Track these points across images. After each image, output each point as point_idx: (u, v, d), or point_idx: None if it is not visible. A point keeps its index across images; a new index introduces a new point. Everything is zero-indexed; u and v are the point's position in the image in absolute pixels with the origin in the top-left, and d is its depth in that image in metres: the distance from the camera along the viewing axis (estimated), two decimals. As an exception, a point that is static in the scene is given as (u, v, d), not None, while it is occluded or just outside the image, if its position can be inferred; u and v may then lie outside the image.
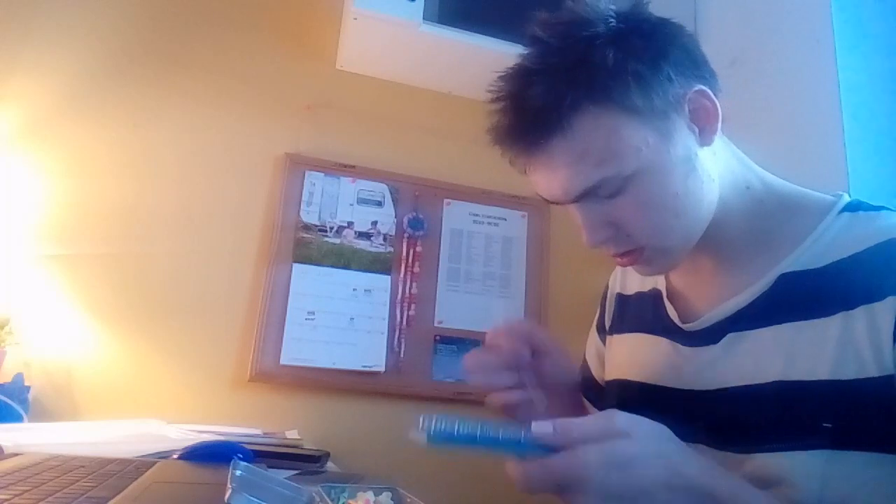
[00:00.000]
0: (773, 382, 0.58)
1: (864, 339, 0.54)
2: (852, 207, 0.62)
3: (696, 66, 0.63)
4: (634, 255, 0.65)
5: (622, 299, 0.85)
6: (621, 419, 0.48)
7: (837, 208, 0.62)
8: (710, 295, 0.68)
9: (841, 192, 0.65)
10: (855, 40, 1.25)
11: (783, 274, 0.61)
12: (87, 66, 1.46)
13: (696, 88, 0.61)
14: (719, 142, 0.66)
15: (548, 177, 0.63)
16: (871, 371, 0.53)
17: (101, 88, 1.46)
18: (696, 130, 0.62)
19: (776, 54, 1.38)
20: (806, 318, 0.57)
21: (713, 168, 0.64)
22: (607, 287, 0.90)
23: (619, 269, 0.88)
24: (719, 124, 0.63)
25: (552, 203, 0.67)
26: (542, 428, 0.48)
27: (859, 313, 0.54)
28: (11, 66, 1.40)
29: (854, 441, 0.53)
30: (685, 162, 0.61)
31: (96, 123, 1.44)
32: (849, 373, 0.54)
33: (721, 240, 0.66)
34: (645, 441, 0.48)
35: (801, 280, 0.60)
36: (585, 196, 0.61)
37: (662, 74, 0.59)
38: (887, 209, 0.62)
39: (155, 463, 0.67)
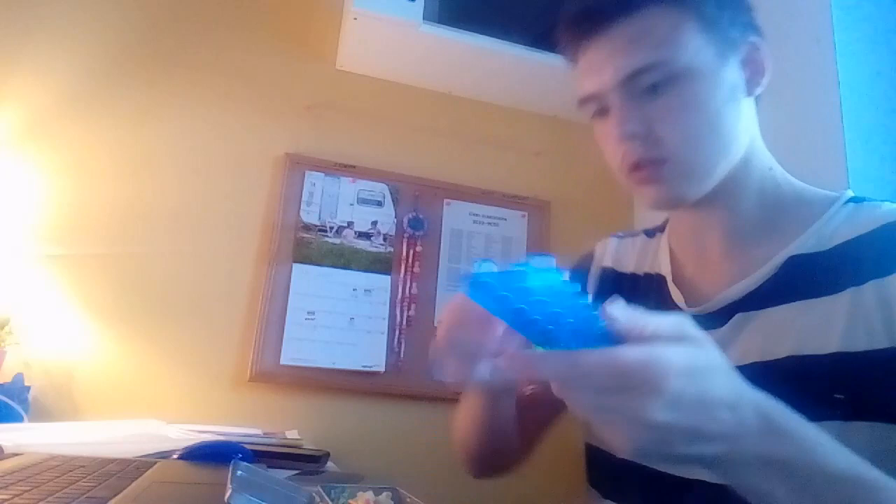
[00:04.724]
0: (784, 358, 0.58)
1: (874, 312, 0.54)
2: (857, 200, 0.64)
3: (755, 24, 0.67)
4: (654, 168, 0.63)
5: (615, 276, 0.81)
6: (691, 325, 0.43)
7: (842, 200, 0.64)
8: (717, 280, 0.68)
9: (844, 191, 0.67)
10: (855, 40, 1.25)
11: (791, 257, 0.62)
12: (88, 66, 1.46)
13: (753, 38, 0.65)
14: (755, 117, 0.68)
15: (601, 57, 0.63)
16: (882, 342, 0.53)
17: (101, 89, 1.46)
18: (745, 76, 0.64)
19: (776, 54, 1.38)
20: (815, 297, 0.58)
21: (748, 120, 0.66)
22: (591, 257, 0.86)
23: (611, 242, 0.85)
24: (764, 80, 0.65)
25: (588, 99, 0.66)
26: (616, 310, 0.40)
27: (869, 288, 0.55)
28: (11, 67, 1.40)
29: (867, 411, 0.53)
30: (731, 89, 0.63)
31: (96, 123, 1.44)
32: (859, 345, 0.54)
33: (733, 216, 0.67)
34: (717, 353, 0.43)
35: (808, 262, 0.61)
36: (633, 79, 0.62)
37: (736, 6, 0.64)
38: (890, 202, 0.63)
39: (155, 463, 0.68)
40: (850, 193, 0.65)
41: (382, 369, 1.48)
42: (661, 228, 0.81)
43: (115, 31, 1.51)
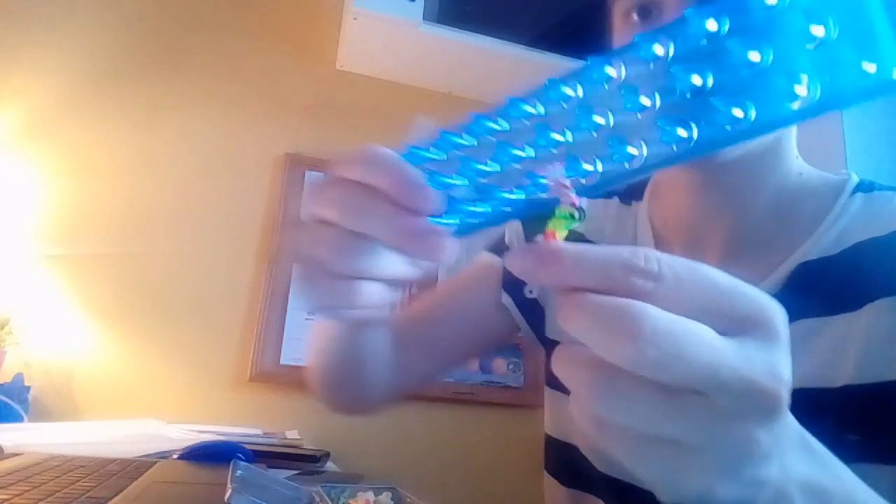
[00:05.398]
0: (796, 390, 0.49)
1: (891, 335, 0.47)
2: (865, 187, 0.55)
3: None
4: None
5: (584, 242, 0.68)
6: None
7: (849, 188, 0.55)
8: None
9: (846, 171, 0.58)
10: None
11: (801, 264, 0.52)
12: (88, 66, 1.46)
13: None
14: None
15: None
16: None
17: (101, 89, 1.46)
18: None
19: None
20: (827, 314, 0.50)
21: None
22: None
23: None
24: None
25: None
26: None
27: (885, 305, 0.48)
28: (11, 67, 1.40)
29: (888, 453, 0.45)
30: None
31: (96, 124, 1.44)
32: (875, 374, 0.47)
33: (746, 207, 0.55)
34: None
35: (820, 269, 0.52)
36: None
37: None
38: None
39: (155, 463, 0.67)
40: (854, 178, 0.56)
41: (382, 369, 1.48)
42: (638, 194, 0.66)
43: (115, 31, 1.51)
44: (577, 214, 0.28)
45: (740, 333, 0.24)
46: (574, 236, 0.61)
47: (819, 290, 0.51)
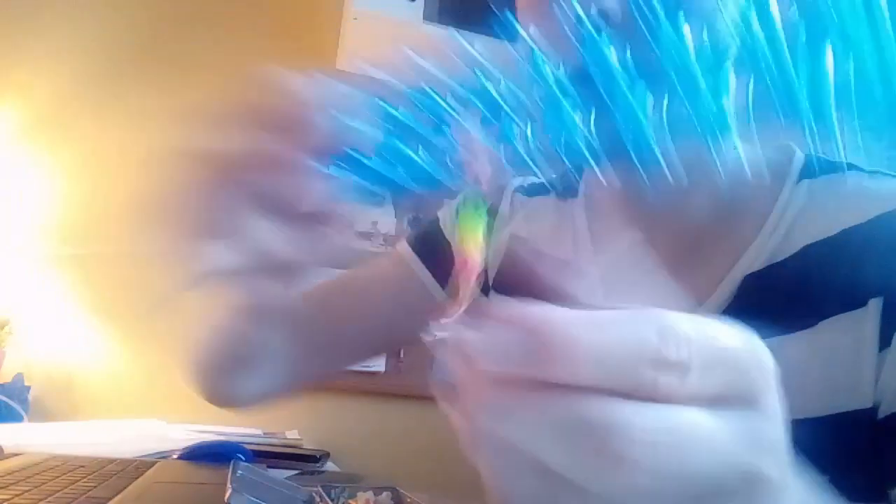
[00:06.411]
0: None
1: (846, 357, 0.42)
2: (810, 172, 0.48)
3: None
4: None
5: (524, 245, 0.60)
6: None
7: (794, 174, 0.48)
8: (663, 304, 0.50)
9: (787, 143, 0.49)
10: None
11: (749, 275, 0.46)
12: (92, 64, 1.46)
13: None
14: None
15: None
16: (861, 400, 0.41)
17: (102, 88, 1.46)
18: None
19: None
20: (784, 332, 0.44)
21: None
22: (494, 206, 0.60)
23: (517, 199, 0.61)
24: None
25: None
26: None
27: (840, 323, 0.43)
28: (18, 62, 1.40)
29: (859, 492, 0.40)
30: None
31: (98, 123, 1.44)
32: (840, 404, 0.42)
33: (681, 216, 0.49)
34: None
35: (769, 279, 0.46)
36: None
37: None
38: (855, 168, 0.47)
39: (155, 463, 0.68)
40: (799, 156, 0.48)
41: (382, 369, 1.48)
42: (573, 191, 0.57)
43: (118, 29, 1.51)
44: (481, 201, 0.21)
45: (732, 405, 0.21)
46: (514, 239, 0.56)
47: (771, 304, 0.45)
